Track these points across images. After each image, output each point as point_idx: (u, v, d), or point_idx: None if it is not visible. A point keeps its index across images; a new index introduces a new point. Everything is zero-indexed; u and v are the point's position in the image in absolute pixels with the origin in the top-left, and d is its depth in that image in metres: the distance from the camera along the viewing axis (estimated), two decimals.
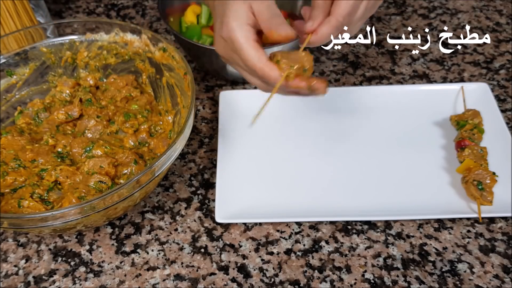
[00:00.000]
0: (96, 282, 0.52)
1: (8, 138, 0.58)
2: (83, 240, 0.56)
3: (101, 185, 0.53)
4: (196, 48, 0.67)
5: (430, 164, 0.61)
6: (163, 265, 0.53)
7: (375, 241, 0.55)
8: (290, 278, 0.52)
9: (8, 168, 0.56)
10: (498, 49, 0.78)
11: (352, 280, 0.52)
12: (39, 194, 0.53)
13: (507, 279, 0.51)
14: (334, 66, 0.77)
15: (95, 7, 0.90)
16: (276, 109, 0.68)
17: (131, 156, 0.56)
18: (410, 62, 0.77)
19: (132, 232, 0.56)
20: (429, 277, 0.52)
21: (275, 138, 0.65)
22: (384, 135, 0.65)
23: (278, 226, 0.56)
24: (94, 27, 0.64)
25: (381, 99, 0.68)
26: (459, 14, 0.85)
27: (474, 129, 0.61)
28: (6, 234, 0.57)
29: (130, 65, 0.66)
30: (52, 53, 0.65)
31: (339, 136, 0.65)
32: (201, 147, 0.66)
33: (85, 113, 0.63)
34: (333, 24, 0.48)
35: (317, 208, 0.57)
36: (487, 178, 0.55)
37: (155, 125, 0.62)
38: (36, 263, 0.54)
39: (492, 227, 0.55)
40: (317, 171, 0.61)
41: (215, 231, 0.56)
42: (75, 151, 0.57)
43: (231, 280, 0.52)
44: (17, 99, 0.64)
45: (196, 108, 0.71)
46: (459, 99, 0.67)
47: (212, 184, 0.61)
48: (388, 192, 0.58)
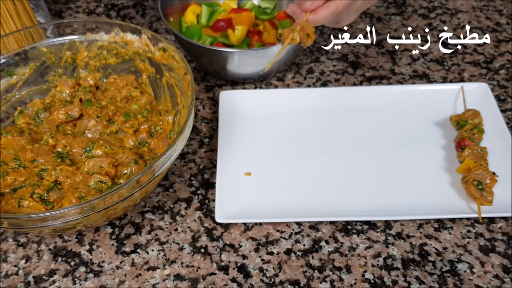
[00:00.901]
0: (96, 282, 0.52)
1: (8, 138, 0.58)
2: (83, 240, 0.56)
3: (101, 185, 0.53)
4: (196, 48, 0.68)
5: (430, 164, 0.61)
6: (163, 265, 0.53)
7: (375, 241, 0.55)
8: (290, 278, 0.52)
9: (8, 168, 0.56)
10: (498, 49, 0.78)
11: (352, 280, 0.52)
12: (39, 194, 0.53)
13: (507, 279, 0.51)
14: (334, 66, 0.77)
15: (95, 7, 0.90)
16: (276, 109, 0.68)
17: (131, 156, 0.56)
18: (410, 62, 0.77)
19: (132, 232, 0.56)
20: (429, 277, 0.52)
21: (275, 138, 0.65)
22: (384, 135, 0.65)
23: (278, 226, 0.56)
24: (94, 27, 0.64)
25: (381, 99, 0.68)
26: (459, 14, 0.85)
27: (474, 129, 0.61)
28: (6, 234, 0.57)
29: (130, 65, 0.66)
30: (52, 53, 0.65)
31: (339, 136, 0.65)
32: (201, 147, 0.66)
33: (85, 113, 0.63)
34: (332, 9, 0.53)
35: (317, 208, 0.57)
36: (487, 178, 0.55)
37: (155, 125, 0.62)
38: (36, 263, 0.54)
39: (492, 227, 0.55)
40: (317, 171, 0.61)
41: (215, 231, 0.56)
42: (75, 151, 0.57)
43: (231, 280, 0.52)
44: (17, 99, 0.64)
45: (196, 108, 0.71)
46: (459, 99, 0.67)
47: (212, 184, 0.61)
48: (388, 192, 0.58)
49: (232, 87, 0.74)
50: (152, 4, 0.90)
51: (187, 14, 0.75)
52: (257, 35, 0.72)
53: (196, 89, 0.73)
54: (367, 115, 0.67)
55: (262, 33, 0.73)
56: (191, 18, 0.75)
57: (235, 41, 0.71)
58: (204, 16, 0.75)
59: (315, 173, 0.61)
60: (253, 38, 0.72)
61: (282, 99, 0.69)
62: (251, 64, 0.68)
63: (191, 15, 0.75)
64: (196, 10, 0.76)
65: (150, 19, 0.87)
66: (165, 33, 0.84)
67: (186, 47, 0.71)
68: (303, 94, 0.69)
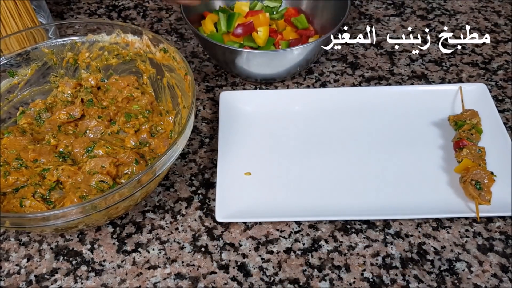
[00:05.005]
0: (98, 281, 0.53)
1: (10, 138, 0.59)
2: (84, 239, 0.56)
3: (102, 185, 0.53)
4: (229, 51, 0.68)
5: (428, 164, 0.61)
6: (164, 264, 0.54)
7: (374, 240, 0.55)
8: (289, 277, 0.52)
9: (10, 168, 0.56)
10: (496, 49, 0.79)
11: (351, 279, 0.52)
12: (41, 193, 0.53)
13: (505, 278, 0.51)
14: (333, 66, 0.77)
15: (97, 8, 0.91)
16: (276, 109, 0.69)
17: (132, 156, 0.57)
18: (408, 62, 0.77)
19: (133, 231, 0.57)
20: (427, 276, 0.52)
21: (275, 138, 0.65)
22: (383, 135, 0.65)
23: (278, 225, 0.57)
24: (96, 28, 0.64)
25: (380, 100, 0.69)
26: (457, 15, 0.86)
27: (472, 129, 0.62)
28: (8, 234, 0.57)
29: (131, 65, 0.66)
30: (53, 54, 0.65)
31: (338, 136, 0.65)
32: (202, 147, 0.66)
33: (87, 113, 0.63)
34: None
35: (317, 207, 0.57)
36: (485, 178, 0.56)
37: (156, 125, 0.62)
38: (38, 262, 0.54)
39: (490, 227, 0.56)
40: (317, 171, 0.61)
41: (215, 230, 0.57)
42: (77, 151, 0.58)
43: (231, 279, 0.52)
44: (19, 99, 0.64)
45: (197, 109, 0.71)
46: (457, 99, 0.68)
47: (213, 183, 0.61)
48: (387, 191, 0.59)
49: (232, 87, 0.74)
50: (152, 5, 0.91)
51: (206, 23, 0.75)
52: (278, 34, 0.74)
53: (197, 90, 0.74)
54: (366, 116, 0.67)
55: (277, 31, 0.75)
56: (210, 26, 0.75)
57: (261, 42, 0.73)
58: (223, 22, 0.75)
59: (315, 173, 0.61)
60: (276, 37, 0.73)
61: (281, 100, 0.69)
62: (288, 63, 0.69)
63: (210, 23, 0.75)
64: (213, 18, 0.76)
65: (151, 20, 0.88)
66: (166, 34, 0.84)
67: (211, 49, 0.71)
68: (303, 94, 0.70)
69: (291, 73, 0.72)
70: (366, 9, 0.88)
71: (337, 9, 0.72)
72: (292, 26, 0.76)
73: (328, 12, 0.76)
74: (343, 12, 0.70)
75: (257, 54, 0.67)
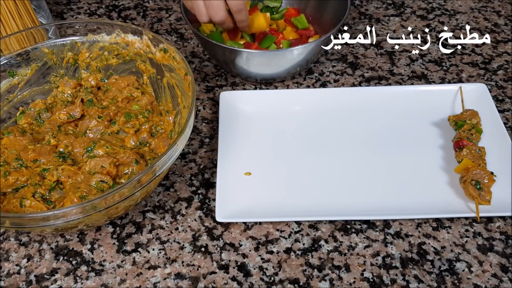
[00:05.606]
0: (98, 281, 0.53)
1: (10, 138, 0.59)
2: (84, 239, 0.56)
3: (102, 185, 0.54)
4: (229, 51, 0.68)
5: (428, 164, 0.61)
6: (164, 264, 0.54)
7: (374, 240, 0.55)
8: (289, 277, 0.52)
9: (10, 168, 0.56)
10: (496, 49, 0.79)
11: (351, 279, 0.52)
12: (41, 193, 0.53)
13: (505, 278, 0.51)
14: (333, 66, 0.77)
15: (97, 8, 0.91)
16: (276, 109, 0.69)
17: (132, 156, 0.57)
18: (408, 62, 0.77)
19: (133, 231, 0.57)
20: (427, 276, 0.52)
21: (275, 138, 0.65)
22: (382, 135, 0.65)
23: (278, 225, 0.57)
24: (96, 28, 0.64)
25: (380, 100, 0.69)
26: (457, 15, 0.86)
27: (472, 129, 0.62)
28: (8, 234, 0.57)
29: (131, 65, 0.66)
30: (53, 54, 0.65)
31: (338, 136, 0.65)
32: (202, 147, 0.66)
33: (87, 113, 0.63)
34: None
35: (317, 207, 0.57)
36: (485, 178, 0.56)
37: (156, 125, 0.62)
38: (38, 262, 0.54)
39: (490, 227, 0.56)
40: (317, 171, 0.61)
41: (215, 230, 0.57)
42: (77, 151, 0.58)
43: (231, 279, 0.52)
44: (19, 99, 0.65)
45: (197, 109, 0.71)
46: (457, 99, 0.68)
47: (213, 183, 0.61)
48: (387, 191, 0.59)
49: (232, 87, 0.74)
50: (152, 5, 0.91)
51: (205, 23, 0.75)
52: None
53: (197, 90, 0.74)
54: (366, 116, 0.67)
55: (278, 31, 0.75)
56: (210, 26, 0.75)
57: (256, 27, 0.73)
58: None
59: (315, 173, 0.61)
60: (278, 36, 0.73)
61: (281, 100, 0.69)
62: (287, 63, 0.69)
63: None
64: None
65: (151, 20, 0.88)
66: (166, 34, 0.84)
67: (211, 49, 0.71)
68: (303, 94, 0.70)
69: (291, 73, 0.72)
70: (366, 9, 0.88)
71: (337, 9, 0.72)
72: (292, 26, 0.76)
73: (328, 12, 0.76)
74: (343, 12, 0.70)
75: (257, 54, 0.67)
